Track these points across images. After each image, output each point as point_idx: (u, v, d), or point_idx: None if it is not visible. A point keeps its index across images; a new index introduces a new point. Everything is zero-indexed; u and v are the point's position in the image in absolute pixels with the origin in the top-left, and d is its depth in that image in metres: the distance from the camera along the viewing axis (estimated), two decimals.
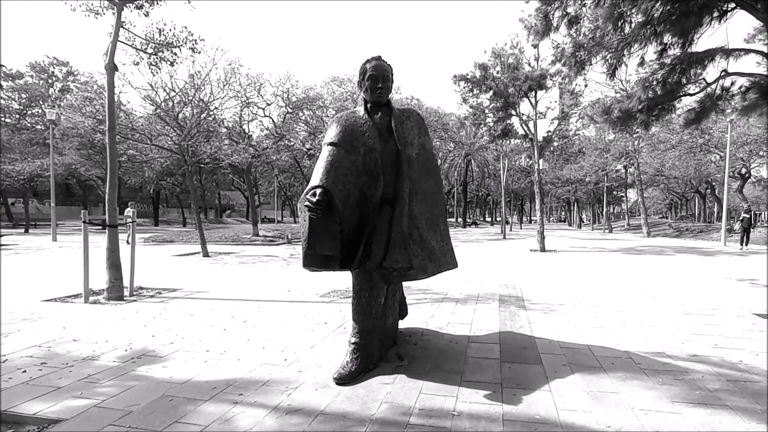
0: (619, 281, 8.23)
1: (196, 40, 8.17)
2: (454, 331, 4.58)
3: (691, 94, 7.10)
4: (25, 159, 29.97)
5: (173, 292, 6.98)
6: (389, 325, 3.91)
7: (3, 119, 38.95)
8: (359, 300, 3.46)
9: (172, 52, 7.95)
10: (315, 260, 3.48)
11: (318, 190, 3.21)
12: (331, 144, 3.56)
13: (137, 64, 8.25)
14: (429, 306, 5.82)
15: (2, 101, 37.91)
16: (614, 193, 51.21)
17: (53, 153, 21.88)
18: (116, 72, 7.07)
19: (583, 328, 4.75)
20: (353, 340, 3.44)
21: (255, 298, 6.39)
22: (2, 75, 36.71)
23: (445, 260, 3.81)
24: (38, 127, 38.70)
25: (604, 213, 40.33)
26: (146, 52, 7.94)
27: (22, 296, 6.49)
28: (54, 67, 41.19)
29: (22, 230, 29.29)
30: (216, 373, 3.37)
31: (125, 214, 18.10)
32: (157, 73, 8.47)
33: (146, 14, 7.88)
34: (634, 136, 29.49)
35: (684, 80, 6.54)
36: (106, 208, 6.71)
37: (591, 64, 7.75)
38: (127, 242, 17.74)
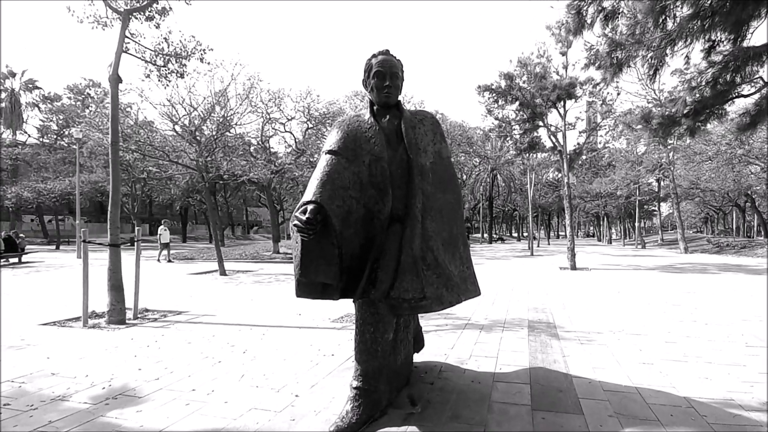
0: (662, 305, 7.42)
1: (204, 50, 7.93)
2: (477, 367, 3.99)
3: (745, 96, 6.35)
4: (57, 177, 30.87)
5: (178, 315, 6.59)
6: (401, 362, 3.36)
7: (41, 140, 40.40)
8: (362, 336, 2.93)
9: (181, 63, 7.72)
10: (310, 289, 2.99)
11: (309, 207, 2.73)
12: (329, 152, 3.09)
13: (148, 76, 8.06)
14: (450, 334, 5.22)
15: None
16: (645, 207, 49.28)
17: (80, 171, 22.32)
18: (124, 84, 6.85)
19: (628, 364, 4.07)
20: (355, 384, 2.90)
21: (261, 323, 5.92)
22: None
23: (465, 287, 3.26)
24: (73, 146, 39.90)
25: (636, 228, 38.64)
26: (155, 65, 7.74)
27: (22, 319, 6.22)
28: (90, 89, 42.53)
29: (54, 247, 30.00)
30: (195, 420, 2.88)
31: (158, 232, 18.08)
32: (168, 86, 8.25)
33: (157, 26, 7.70)
34: (668, 147, 28.23)
35: (738, 79, 5.82)
36: (108, 226, 6.41)
37: (629, 66, 7.08)
38: (158, 260, 17.68)
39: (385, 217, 3.05)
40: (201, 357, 4.32)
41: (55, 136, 40.93)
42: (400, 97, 3.39)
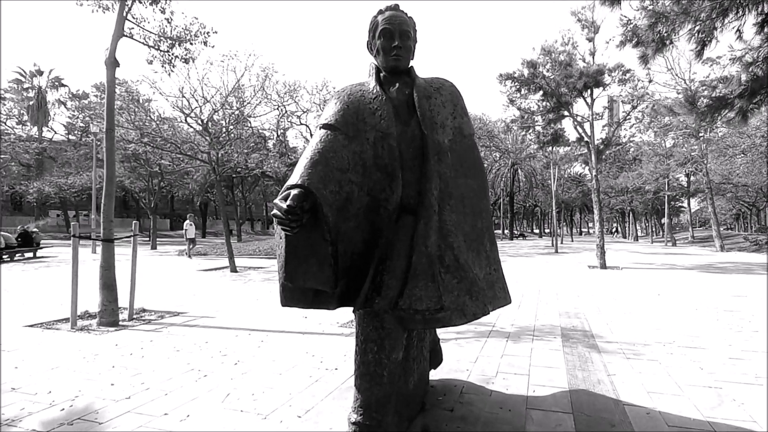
0: (712, 310, 6.62)
1: (208, 32, 7.42)
2: (505, 387, 3.35)
3: None
4: (78, 173, 31.15)
5: (176, 316, 6.11)
6: (413, 385, 2.74)
7: (68, 137, 40.88)
8: (364, 356, 2.33)
9: (185, 48, 7.23)
10: (298, 296, 2.42)
11: (293, 192, 2.13)
12: (325, 126, 2.49)
13: (151, 62, 7.61)
14: (472, 343, 4.58)
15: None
16: (672, 203, 47.36)
17: (97, 166, 22.31)
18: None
19: (691, 387, 3.36)
20: (354, 418, 2.30)
21: (262, 327, 5.38)
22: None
23: (492, 294, 2.63)
24: (97, 142, 40.12)
25: (666, 224, 37.07)
26: (159, 50, 7.26)
27: (9, 320, 5.81)
28: (117, 86, 42.69)
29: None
30: None
31: (184, 227, 17.85)
32: (172, 72, 7.77)
33: (162, 10, 7.22)
34: (700, 138, 26.87)
35: None
36: (102, 220, 5.95)
37: (672, 42, 6.27)
38: (190, 257, 17.34)
39: (393, 207, 2.45)
40: (186, 369, 3.78)
41: (80, 133, 41.40)
42: (412, 63, 2.79)
